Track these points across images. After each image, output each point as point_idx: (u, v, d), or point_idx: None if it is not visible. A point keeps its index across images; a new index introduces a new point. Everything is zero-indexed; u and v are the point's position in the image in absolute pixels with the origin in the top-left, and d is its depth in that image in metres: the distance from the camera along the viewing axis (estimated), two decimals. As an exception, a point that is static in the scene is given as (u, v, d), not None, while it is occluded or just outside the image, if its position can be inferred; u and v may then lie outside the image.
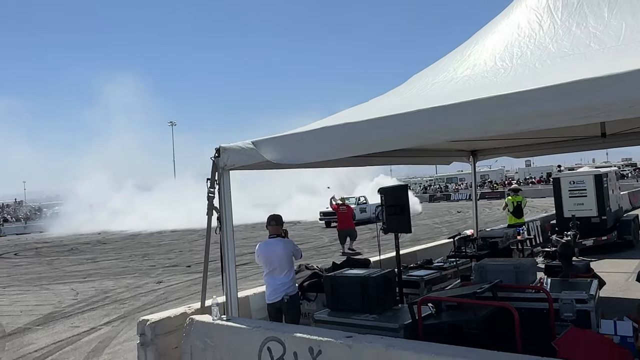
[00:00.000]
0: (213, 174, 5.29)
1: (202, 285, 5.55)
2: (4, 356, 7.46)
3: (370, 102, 5.59)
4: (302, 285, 6.35)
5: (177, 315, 5.43)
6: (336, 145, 4.47)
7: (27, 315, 10.20)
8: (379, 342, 3.91)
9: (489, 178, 67.06)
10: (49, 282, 14.88)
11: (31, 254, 25.22)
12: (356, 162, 7.64)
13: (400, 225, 6.05)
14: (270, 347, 4.45)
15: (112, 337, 8.11)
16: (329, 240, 22.32)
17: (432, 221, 28.54)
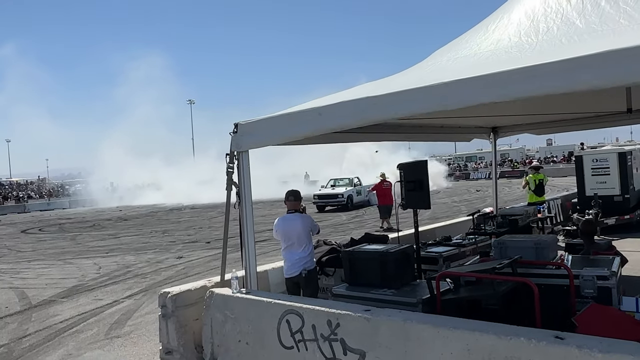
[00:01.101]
0: (232, 149, 5.30)
1: (221, 259, 5.62)
2: (31, 327, 7.69)
3: (390, 77, 5.52)
4: (321, 260, 6.39)
5: (197, 288, 5.52)
6: (354, 119, 4.44)
7: (52, 288, 10.46)
8: (397, 315, 3.93)
9: (509, 157, 66.21)
10: (73, 257, 15.22)
11: (55, 230, 25.79)
12: (375, 138, 7.62)
13: (419, 201, 6.02)
14: (289, 319, 4.50)
15: (134, 309, 8.28)
16: (347, 218, 22.37)
17: (451, 200, 28.38)
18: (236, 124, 5.30)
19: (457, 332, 3.52)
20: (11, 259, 15.79)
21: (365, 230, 14.82)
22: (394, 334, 3.82)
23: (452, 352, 3.53)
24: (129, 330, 7.12)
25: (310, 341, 4.32)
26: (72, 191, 63.38)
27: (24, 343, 6.91)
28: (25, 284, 11.22)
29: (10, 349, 6.69)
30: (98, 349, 6.43)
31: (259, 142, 5.25)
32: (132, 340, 6.69)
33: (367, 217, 22.27)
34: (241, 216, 5.32)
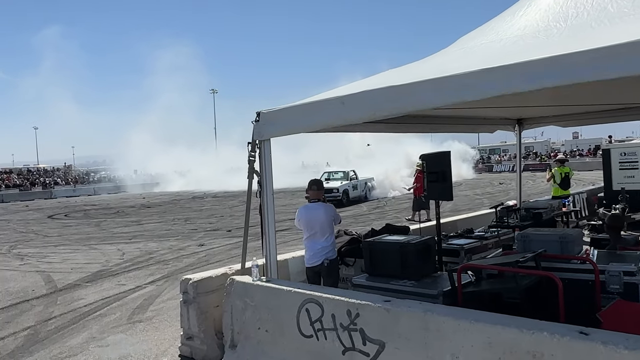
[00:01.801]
0: (254, 137, 5.31)
1: (242, 247, 5.65)
2: (56, 310, 7.86)
3: (413, 64, 5.45)
4: (341, 250, 6.38)
5: (218, 276, 5.58)
6: (378, 109, 4.39)
7: (77, 273, 10.67)
8: (418, 307, 3.90)
9: (533, 149, 65.13)
10: (97, 242, 15.50)
11: (80, 216, 26.29)
12: (397, 128, 7.53)
13: (441, 193, 5.96)
14: (308, 308, 4.51)
15: (156, 295, 8.41)
16: (367, 209, 22.32)
17: (473, 192, 28.08)
18: (258, 112, 5.29)
19: (478, 325, 3.48)
20: (38, 243, 16.17)
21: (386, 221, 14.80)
22: (414, 325, 3.80)
23: (472, 344, 3.49)
24: (151, 316, 7.23)
25: (329, 330, 4.33)
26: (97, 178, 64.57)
27: (49, 325, 7.07)
28: (51, 268, 11.48)
29: (37, 330, 6.86)
30: (121, 333, 6.54)
31: (281, 130, 5.24)
32: (153, 325, 6.79)
33: (388, 208, 22.19)
34: (262, 205, 5.33)
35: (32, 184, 54.22)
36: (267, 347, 4.88)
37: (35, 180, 56.85)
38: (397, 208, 21.79)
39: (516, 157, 10.73)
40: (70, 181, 59.12)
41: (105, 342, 6.23)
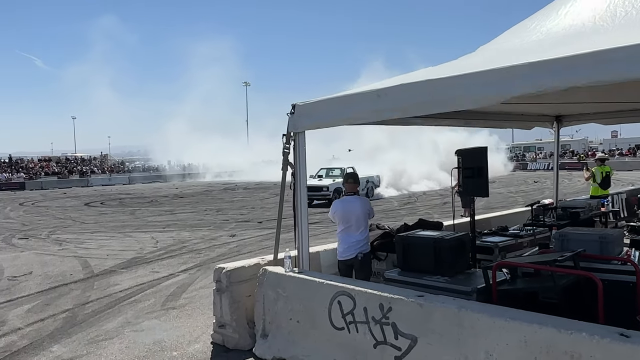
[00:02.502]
0: (289, 130, 5.33)
1: (275, 238, 5.70)
2: (93, 294, 8.08)
3: (451, 62, 5.37)
4: (373, 244, 6.36)
5: (251, 266, 5.64)
6: (414, 103, 4.35)
7: (113, 259, 10.95)
8: (452, 303, 3.87)
9: (570, 148, 63.51)
10: (132, 230, 15.85)
11: (115, 204, 26.92)
12: (431, 122, 7.45)
13: (476, 189, 5.87)
14: (340, 301, 4.52)
15: (188, 283, 8.55)
16: (398, 204, 22.19)
17: (507, 190, 27.60)
18: (294, 105, 5.31)
19: (514, 323, 3.43)
20: (75, 229, 16.64)
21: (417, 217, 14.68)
22: (447, 321, 3.77)
23: (507, 343, 3.45)
24: (184, 303, 7.36)
25: (361, 323, 4.34)
26: (132, 168, 66.00)
27: (86, 309, 7.28)
28: (88, 253, 11.80)
29: (75, 313, 7.07)
30: (155, 319, 6.69)
31: (315, 123, 5.25)
32: (186, 312, 6.92)
33: (419, 204, 22.01)
34: (295, 196, 5.36)
35: (69, 172, 55.73)
36: (298, 337, 4.92)
37: (72, 168, 58.41)
38: (428, 204, 21.61)
39: (553, 155, 10.50)
40: (106, 170, 60.56)
41: (140, 327, 6.38)
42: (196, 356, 5.38)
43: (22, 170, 53.89)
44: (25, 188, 44.82)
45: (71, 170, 57.20)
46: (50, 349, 5.75)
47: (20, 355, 5.57)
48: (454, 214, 6.53)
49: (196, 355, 5.41)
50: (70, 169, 58.01)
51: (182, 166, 62.17)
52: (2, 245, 13.58)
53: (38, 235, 15.28)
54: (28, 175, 51.88)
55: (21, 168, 55.22)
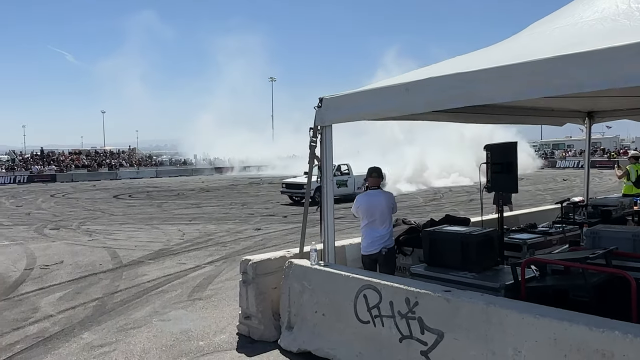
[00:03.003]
0: (316, 123, 5.33)
1: (301, 231, 5.72)
2: (121, 284, 8.24)
3: (480, 51, 5.28)
4: (399, 238, 6.33)
5: (276, 258, 5.68)
6: (443, 97, 4.30)
7: (141, 250, 11.14)
8: (479, 298, 3.83)
9: (600, 145, 61.99)
10: (159, 222, 16.10)
11: (143, 197, 27.37)
12: (459, 118, 7.35)
13: (505, 185, 5.78)
14: (366, 294, 4.52)
15: (214, 275, 8.65)
16: (424, 200, 22.02)
17: (535, 188, 27.12)
18: (321, 98, 5.31)
19: (544, 320, 3.38)
20: (105, 221, 16.98)
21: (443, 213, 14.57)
22: (474, 317, 3.74)
23: (536, 340, 3.40)
24: (210, 294, 7.45)
25: (387, 317, 4.33)
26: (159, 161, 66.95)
27: (115, 298, 7.43)
28: (116, 244, 12.04)
29: (104, 302, 7.22)
30: (182, 309, 6.79)
31: (343, 117, 5.24)
32: (212, 303, 7.00)
33: (445, 200, 21.81)
34: (322, 190, 5.36)
35: (99, 165, 56.81)
36: (323, 330, 4.93)
37: (101, 161, 59.52)
38: (454, 200, 21.39)
39: (583, 152, 10.28)
40: (134, 163, 61.48)
41: (167, 317, 6.48)
42: (222, 346, 5.45)
43: (54, 163, 55.18)
44: (56, 180, 45.92)
45: (100, 163, 58.29)
46: (81, 335, 5.89)
47: (53, 341, 5.72)
48: (482, 210, 6.44)
49: (222, 345, 5.48)
50: (100, 162, 59.12)
51: (208, 160, 62.87)
52: (35, 235, 13.95)
53: (69, 226, 15.64)
54: (59, 167, 53.08)
55: (52, 161, 56.55)
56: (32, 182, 44.41)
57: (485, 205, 6.46)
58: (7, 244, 12.44)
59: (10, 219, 18.31)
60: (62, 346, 5.57)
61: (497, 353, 3.58)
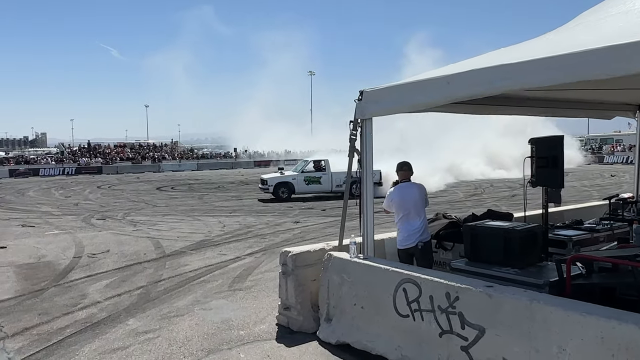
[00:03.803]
0: (356, 116, 5.32)
1: (340, 224, 5.73)
2: (165, 273, 8.46)
3: (527, 42, 5.14)
4: (439, 233, 6.27)
5: (316, 250, 5.71)
6: (486, 89, 4.22)
7: (183, 241, 11.40)
8: (523, 295, 3.75)
9: (652, 140, 59.40)
10: (200, 214, 16.43)
11: (185, 189, 27.99)
12: (500, 110, 7.20)
13: (550, 179, 5.64)
14: (406, 288, 4.50)
15: (254, 266, 8.77)
16: (464, 195, 21.68)
17: (581, 184, 26.27)
18: (361, 91, 5.29)
19: (591, 318, 3.29)
20: (148, 212, 17.45)
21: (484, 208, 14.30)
22: (517, 313, 3.67)
23: (582, 338, 3.31)
24: (250, 285, 7.57)
25: (426, 311, 4.30)
26: (200, 154, 68.26)
27: (159, 287, 7.64)
28: (160, 235, 12.36)
29: (148, 290, 7.44)
30: (222, 299, 6.92)
31: (383, 110, 5.22)
32: (252, 294, 7.11)
33: (486, 195, 21.41)
34: (361, 183, 5.36)
35: (142, 158, 58.35)
36: (362, 323, 4.94)
37: (145, 154, 61.09)
38: (495, 196, 20.97)
39: (633, 147, 9.87)
40: (176, 157, 62.85)
41: (209, 306, 6.62)
42: (262, 336, 5.53)
43: (100, 156, 57.04)
44: (102, 172, 47.49)
45: (144, 156, 59.85)
46: (126, 322, 6.09)
47: (100, 327, 5.94)
48: (525, 205, 6.30)
49: (262, 335, 5.56)
50: (143, 154, 60.70)
51: (248, 154, 63.72)
52: (83, 224, 14.47)
53: (114, 217, 16.16)
54: (105, 160, 54.83)
55: (99, 153, 58.44)
56: (80, 173, 46.09)
57: (529, 201, 6.30)
58: (57, 233, 12.96)
59: (59, 209, 19.06)
60: (109, 331, 5.78)
61: (541, 351, 3.51)
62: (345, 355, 4.93)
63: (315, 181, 20.87)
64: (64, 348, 5.33)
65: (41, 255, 10.07)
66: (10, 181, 38.40)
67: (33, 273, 8.63)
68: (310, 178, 20.84)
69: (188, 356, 5.07)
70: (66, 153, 59.43)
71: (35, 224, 14.68)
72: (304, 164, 21.79)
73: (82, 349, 5.30)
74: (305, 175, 20.95)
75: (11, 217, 16.67)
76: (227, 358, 5.00)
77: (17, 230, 13.68)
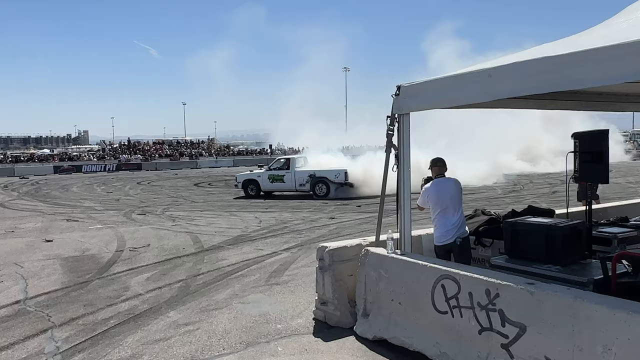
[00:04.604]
0: (393, 111, 5.29)
1: (377, 220, 5.72)
2: (203, 267, 8.63)
3: (574, 36, 5.01)
4: (478, 229, 6.18)
5: (353, 246, 5.72)
6: (530, 82, 4.12)
7: (220, 236, 11.59)
8: (566, 292, 3.67)
9: (703, 135, 56.94)
10: (237, 210, 16.66)
11: (221, 185, 28.39)
12: (546, 105, 7.02)
13: (595, 175, 5.47)
14: (444, 284, 4.46)
15: (290, 261, 8.85)
16: (502, 192, 21.28)
17: (625, 180, 25.39)
18: (399, 86, 5.26)
19: (638, 317, 3.19)
20: (186, 207, 17.80)
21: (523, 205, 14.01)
22: (560, 311, 3.59)
23: (629, 337, 3.21)
24: (287, 280, 7.64)
25: (465, 308, 4.26)
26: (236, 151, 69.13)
27: (198, 280, 7.79)
28: (198, 230, 12.60)
29: (188, 284, 7.60)
30: (260, 293, 7.01)
31: (421, 104, 5.17)
32: (289, 288, 7.18)
33: (525, 192, 20.94)
34: (399, 179, 5.33)
35: (180, 155, 59.51)
36: (399, 318, 4.92)
37: (182, 151, 62.28)
38: (535, 192, 20.49)
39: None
40: (212, 153, 63.83)
41: (247, 300, 6.72)
42: (299, 330, 5.58)
43: (139, 152, 58.45)
44: (141, 168, 48.69)
45: (181, 152, 61.04)
46: (167, 314, 6.24)
47: (142, 318, 6.10)
48: (567, 201, 6.14)
49: (299, 329, 5.61)
50: (181, 151, 61.91)
51: (283, 150, 64.10)
52: (124, 219, 14.88)
53: (154, 212, 16.55)
54: (144, 156, 56.16)
55: (138, 150, 59.89)
56: (120, 170, 47.37)
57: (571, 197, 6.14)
58: (99, 227, 13.38)
59: (102, 204, 19.65)
60: (151, 323, 5.94)
61: (585, 350, 3.43)
62: (382, 351, 4.93)
63: (279, 179, 21.00)
64: (108, 338, 5.51)
65: (85, 249, 10.42)
66: (55, 177, 39.77)
67: (78, 265, 8.94)
68: (274, 176, 21.02)
69: (227, 348, 5.16)
70: (107, 150, 61.18)
71: (79, 219, 15.18)
72: (276, 163, 21.94)
73: (125, 339, 5.47)
74: (270, 173, 21.20)
75: (57, 211, 17.29)
76: (265, 351, 5.07)
77: (62, 224, 14.18)
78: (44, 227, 13.64)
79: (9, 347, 5.33)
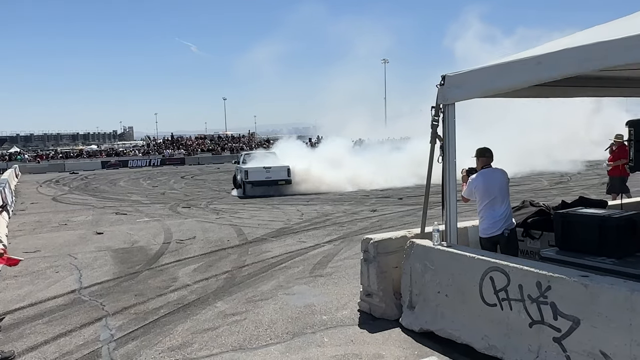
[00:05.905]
0: (438, 102, 5.22)
1: (422, 212, 5.68)
2: (248, 259, 8.77)
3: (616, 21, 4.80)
4: (526, 221, 6.04)
5: (397, 238, 5.70)
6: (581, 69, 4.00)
7: (263, 228, 11.74)
8: (622, 285, 3.55)
9: None
10: (279, 203, 16.81)
11: (262, 178, 28.66)
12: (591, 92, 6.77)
13: (651, 164, 5.27)
14: (493, 276, 4.39)
15: (333, 254, 8.88)
16: (548, 183, 20.70)
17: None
18: (443, 76, 5.19)
19: (701, 311, 3.06)
20: (229, 200, 18.11)
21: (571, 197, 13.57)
22: (616, 304, 3.48)
23: (691, 332, 3.09)
24: (330, 272, 7.68)
25: (515, 301, 4.18)
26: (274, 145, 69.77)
27: (243, 271, 7.93)
28: (241, 222, 12.79)
29: (233, 275, 7.74)
30: (304, 284, 7.07)
31: (467, 94, 5.08)
32: (333, 280, 7.21)
33: (573, 183, 20.31)
34: (444, 170, 5.26)
35: (222, 149, 60.44)
36: (446, 311, 4.88)
37: (224, 145, 63.23)
38: (583, 184, 19.85)
39: None
40: (253, 147, 64.52)
41: (291, 291, 6.80)
42: (344, 321, 5.61)
43: (182, 147, 59.69)
44: (185, 163, 49.67)
45: (223, 147, 61.97)
46: (215, 304, 6.38)
47: (191, 308, 6.26)
48: (621, 192, 5.93)
49: (344, 320, 5.64)
50: (222, 146, 62.85)
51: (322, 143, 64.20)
52: (170, 212, 15.26)
53: (198, 205, 16.90)
54: (187, 151, 57.31)
55: (181, 145, 61.18)
56: (164, 164, 48.48)
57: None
58: (147, 220, 13.76)
59: (148, 197, 20.20)
60: (199, 313, 6.08)
61: (643, 344, 3.32)
62: (429, 343, 4.90)
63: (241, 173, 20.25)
64: (160, 327, 5.68)
65: (134, 241, 10.75)
66: (102, 172, 41.10)
67: (128, 257, 9.23)
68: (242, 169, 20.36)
69: (274, 338, 5.24)
70: (152, 145, 62.75)
71: (127, 212, 15.66)
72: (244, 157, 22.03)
73: (175, 328, 5.63)
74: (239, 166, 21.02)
75: (106, 205, 17.89)
76: (312, 342, 5.12)
77: (111, 217, 14.67)
78: (95, 220, 14.15)
79: (67, 334, 5.57)
